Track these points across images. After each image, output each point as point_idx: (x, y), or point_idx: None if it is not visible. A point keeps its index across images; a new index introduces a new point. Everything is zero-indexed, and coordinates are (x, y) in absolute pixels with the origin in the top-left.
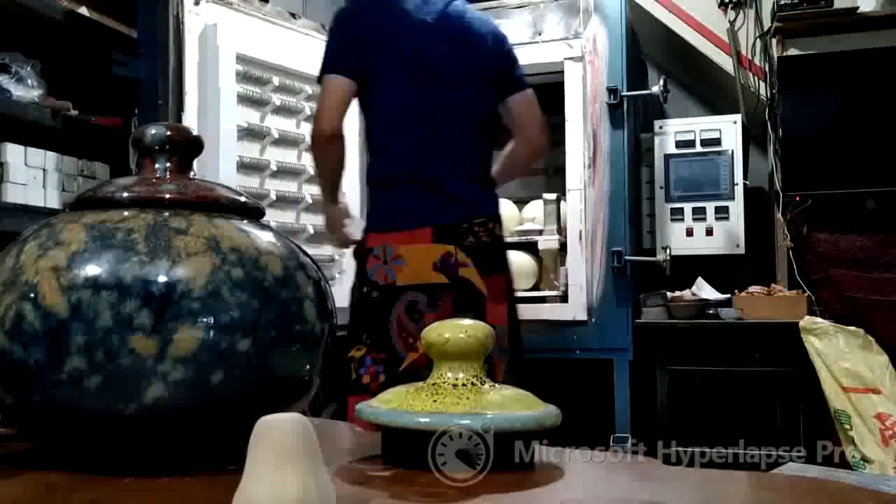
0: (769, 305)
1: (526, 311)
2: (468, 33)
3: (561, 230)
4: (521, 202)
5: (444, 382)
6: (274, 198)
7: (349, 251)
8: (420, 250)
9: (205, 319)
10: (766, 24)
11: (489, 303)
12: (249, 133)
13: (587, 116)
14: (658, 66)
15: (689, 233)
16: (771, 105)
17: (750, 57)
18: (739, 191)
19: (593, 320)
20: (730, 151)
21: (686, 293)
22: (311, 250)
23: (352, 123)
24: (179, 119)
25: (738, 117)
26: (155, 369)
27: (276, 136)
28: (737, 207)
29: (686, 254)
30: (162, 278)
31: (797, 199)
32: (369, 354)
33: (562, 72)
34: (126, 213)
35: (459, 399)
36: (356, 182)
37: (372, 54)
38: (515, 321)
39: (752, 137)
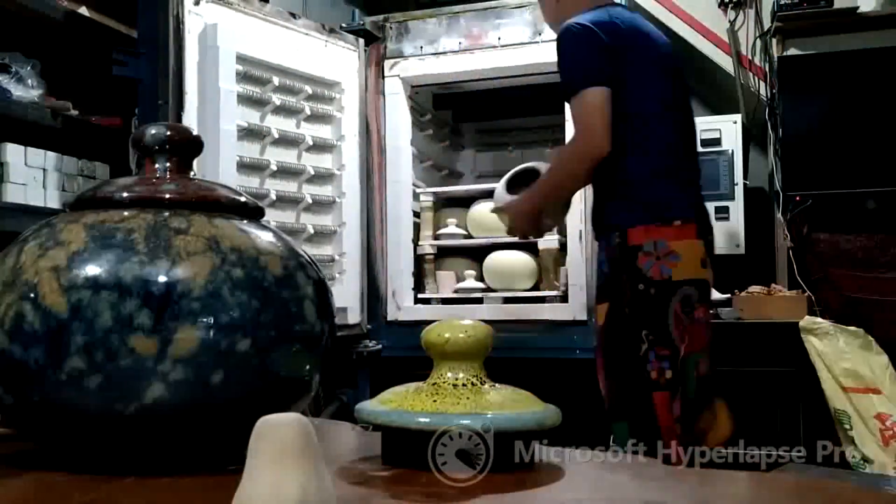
0: (769, 305)
1: (526, 312)
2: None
3: (561, 230)
4: None
5: (444, 382)
6: (274, 198)
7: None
8: (692, 245)
9: (205, 319)
10: (766, 24)
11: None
12: (249, 133)
13: None
14: None
15: None
16: (771, 105)
17: (750, 57)
18: (739, 191)
19: (593, 320)
20: (730, 151)
21: None
22: (311, 250)
23: (352, 128)
24: (179, 119)
25: (738, 117)
26: (155, 369)
27: (276, 136)
28: (737, 207)
29: None
30: (162, 278)
31: (797, 198)
32: (652, 350)
33: None
34: (126, 213)
35: (459, 399)
36: (356, 182)
37: (628, 57)
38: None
39: (752, 137)
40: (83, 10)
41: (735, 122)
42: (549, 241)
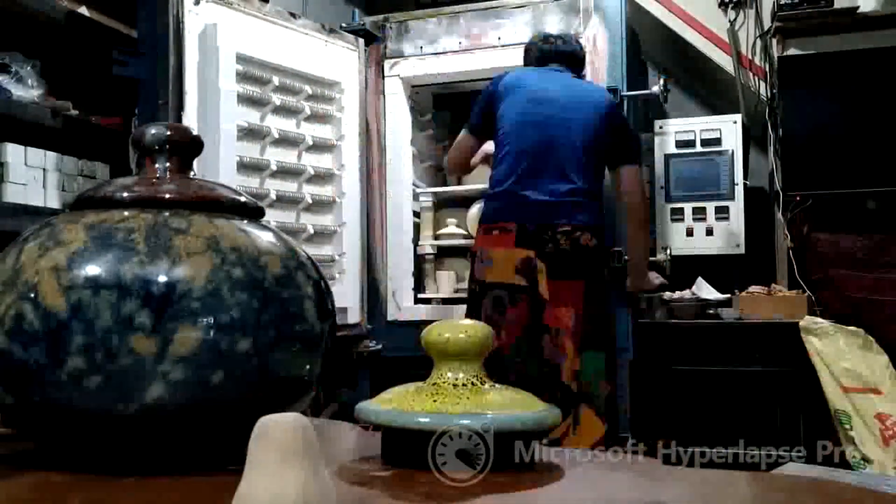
0: (769, 305)
1: None
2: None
3: None
4: None
5: (444, 382)
6: (274, 198)
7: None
8: (508, 253)
9: (205, 319)
10: (766, 23)
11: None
12: (249, 133)
13: None
14: (658, 66)
15: (690, 233)
16: (771, 105)
17: (750, 57)
18: (739, 191)
19: None
20: (730, 151)
21: (686, 293)
22: (311, 250)
23: (352, 128)
24: (179, 119)
25: (738, 117)
26: (155, 369)
27: (276, 136)
28: (737, 207)
29: (686, 254)
30: (162, 278)
31: (797, 198)
32: None
33: None
34: (126, 213)
35: (459, 399)
36: (356, 182)
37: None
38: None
39: (752, 137)
40: (83, 10)
41: (735, 122)
42: None
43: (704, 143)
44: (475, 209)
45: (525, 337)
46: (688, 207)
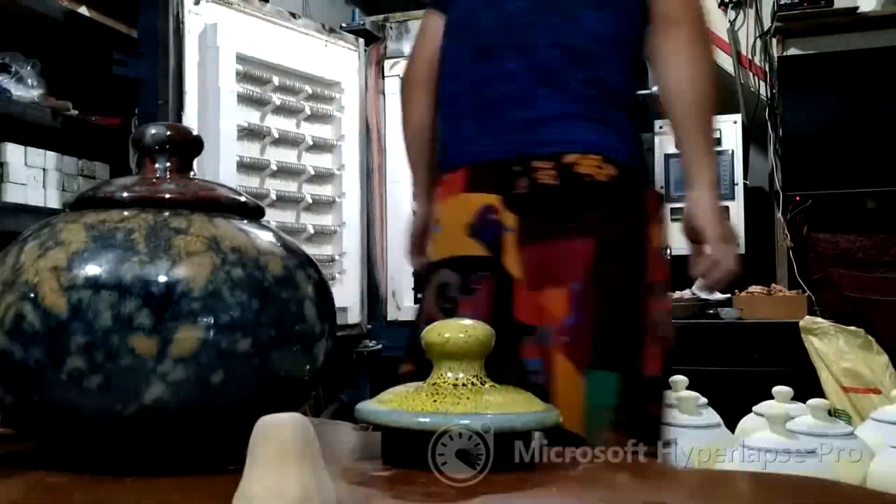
0: (769, 305)
1: None
2: None
3: None
4: None
5: (444, 382)
6: (274, 198)
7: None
8: (456, 204)
9: (205, 319)
10: (766, 23)
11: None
12: (249, 133)
13: None
14: None
15: None
16: (771, 105)
17: (750, 57)
18: (739, 191)
19: None
20: (730, 151)
21: (686, 293)
22: (311, 250)
23: (352, 128)
24: (179, 119)
25: (738, 117)
26: (155, 369)
27: (276, 135)
28: (737, 207)
29: (686, 254)
30: (162, 278)
31: (797, 198)
32: None
33: None
34: (126, 213)
35: (459, 399)
36: (356, 182)
37: None
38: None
39: (752, 137)
40: (83, 10)
41: (735, 122)
42: None
43: None
44: None
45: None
46: None
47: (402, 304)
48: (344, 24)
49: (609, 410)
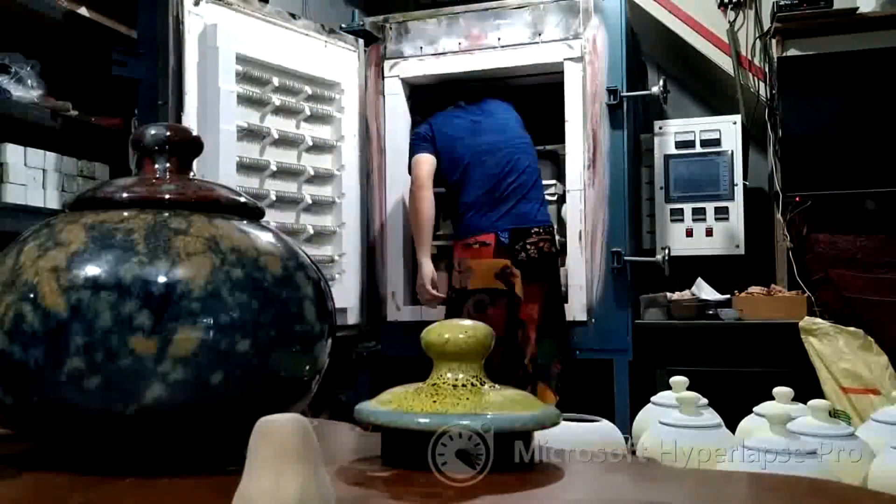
0: (769, 306)
1: None
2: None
3: (561, 230)
4: None
5: (443, 383)
6: (274, 198)
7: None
8: (488, 263)
9: (204, 320)
10: (766, 24)
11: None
12: (249, 133)
13: (587, 117)
14: (658, 66)
15: (689, 233)
16: (771, 105)
17: (750, 57)
18: (739, 191)
19: (593, 321)
20: (729, 152)
21: (686, 294)
22: (310, 250)
23: (352, 129)
24: (179, 119)
25: (737, 118)
26: (155, 369)
27: (276, 136)
28: (736, 208)
29: (686, 254)
30: (162, 278)
31: (797, 199)
32: None
33: (562, 72)
34: (126, 214)
35: (459, 399)
36: (355, 182)
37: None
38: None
39: (752, 138)
40: (83, 11)
41: (735, 123)
42: None
43: (704, 143)
44: None
45: (504, 331)
46: (687, 208)
47: (402, 304)
48: (343, 25)
49: (553, 354)
